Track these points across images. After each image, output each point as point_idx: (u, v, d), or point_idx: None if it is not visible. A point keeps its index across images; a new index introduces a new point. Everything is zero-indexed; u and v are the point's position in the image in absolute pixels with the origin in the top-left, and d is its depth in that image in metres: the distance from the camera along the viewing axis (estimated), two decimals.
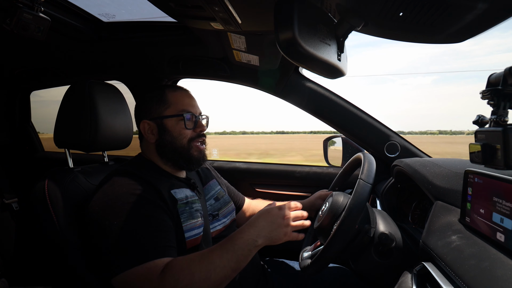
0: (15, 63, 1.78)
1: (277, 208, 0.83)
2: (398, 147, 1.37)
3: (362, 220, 0.86)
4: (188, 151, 0.99)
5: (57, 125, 1.05)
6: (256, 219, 0.81)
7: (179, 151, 0.98)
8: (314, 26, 0.59)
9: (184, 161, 0.99)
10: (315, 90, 1.42)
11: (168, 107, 0.99)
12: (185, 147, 0.98)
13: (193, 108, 1.01)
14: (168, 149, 0.98)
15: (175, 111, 0.98)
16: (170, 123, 0.98)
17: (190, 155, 0.99)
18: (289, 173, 1.60)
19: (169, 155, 0.98)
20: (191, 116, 0.99)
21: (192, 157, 0.99)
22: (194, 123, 1.00)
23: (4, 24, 0.83)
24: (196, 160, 1.00)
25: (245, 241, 0.77)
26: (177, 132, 0.98)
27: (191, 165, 1.00)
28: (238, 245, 0.77)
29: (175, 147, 0.98)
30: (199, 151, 1.01)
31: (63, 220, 0.87)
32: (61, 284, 0.93)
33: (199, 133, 1.01)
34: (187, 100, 1.02)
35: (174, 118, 0.98)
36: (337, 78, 0.73)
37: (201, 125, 1.02)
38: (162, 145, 0.98)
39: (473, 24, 0.56)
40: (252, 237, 0.78)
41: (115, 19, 1.32)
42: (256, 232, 0.79)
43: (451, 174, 0.85)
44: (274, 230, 0.80)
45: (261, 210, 0.84)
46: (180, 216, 0.89)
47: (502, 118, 0.56)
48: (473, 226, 0.62)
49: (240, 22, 0.90)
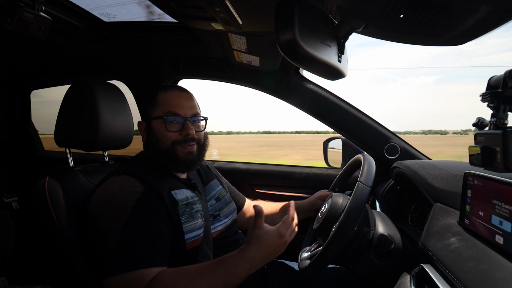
0: (16, 62, 1.78)
1: (277, 237, 0.77)
2: (398, 149, 1.37)
3: (361, 222, 0.86)
4: (174, 153, 0.96)
5: (58, 124, 1.05)
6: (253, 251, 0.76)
7: (164, 153, 0.96)
8: (314, 27, 0.59)
9: (171, 163, 0.97)
10: (316, 91, 1.42)
11: (156, 108, 0.98)
12: (169, 149, 0.96)
13: (181, 109, 0.97)
14: (153, 151, 0.97)
15: (160, 112, 0.97)
16: (156, 124, 0.98)
17: (176, 156, 0.96)
18: (289, 174, 1.60)
19: (155, 156, 0.97)
20: (175, 119, 0.96)
21: (178, 159, 0.96)
22: (181, 126, 0.97)
23: (5, 23, 0.84)
24: (183, 161, 0.97)
25: (239, 275, 0.75)
26: (161, 134, 0.96)
27: (178, 166, 0.98)
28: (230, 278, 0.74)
29: (159, 149, 0.96)
30: (185, 153, 0.97)
31: (63, 219, 0.87)
32: (60, 282, 0.93)
33: (185, 136, 0.97)
34: (176, 101, 0.98)
35: (159, 120, 0.97)
36: (338, 80, 0.73)
37: (187, 128, 0.97)
38: (149, 146, 0.99)
39: (476, 27, 0.56)
40: (247, 271, 0.76)
41: (116, 19, 1.32)
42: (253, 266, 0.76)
43: (450, 176, 0.85)
44: (272, 257, 0.79)
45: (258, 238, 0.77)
46: (181, 218, 0.88)
47: (502, 121, 0.56)
48: (472, 228, 0.62)
49: (240, 22, 0.90)
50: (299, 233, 0.88)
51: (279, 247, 0.79)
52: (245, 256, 0.76)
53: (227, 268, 0.75)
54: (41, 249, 1.24)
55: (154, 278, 0.74)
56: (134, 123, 1.21)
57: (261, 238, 0.76)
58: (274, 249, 0.78)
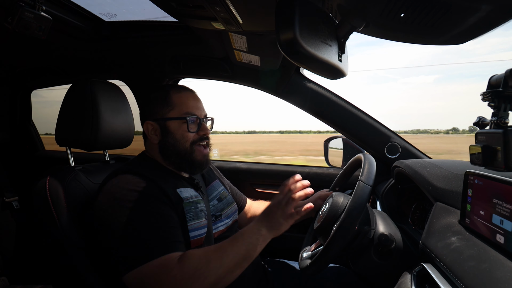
0: (16, 62, 1.78)
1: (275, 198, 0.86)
2: (399, 148, 1.37)
3: (362, 221, 0.86)
4: (191, 154, 0.97)
5: (59, 123, 1.05)
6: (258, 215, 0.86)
7: (182, 154, 0.97)
8: (315, 26, 0.59)
9: (187, 164, 0.98)
10: (316, 90, 1.42)
11: (172, 109, 0.97)
12: (187, 150, 0.97)
13: (197, 110, 1.00)
14: (171, 152, 0.97)
15: (178, 113, 0.97)
16: (173, 125, 0.97)
17: (193, 158, 0.97)
18: (289, 174, 1.59)
19: (172, 157, 0.97)
20: (195, 119, 0.98)
21: (195, 161, 0.98)
22: (198, 126, 0.99)
23: (6, 22, 0.84)
24: (199, 164, 0.99)
25: (251, 229, 0.83)
26: (180, 134, 0.97)
27: (194, 168, 0.99)
28: (245, 234, 0.82)
29: (178, 150, 0.96)
30: (202, 155, 0.99)
31: (64, 218, 0.87)
32: (61, 282, 0.93)
33: (202, 136, 0.99)
34: (192, 102, 1.00)
35: (178, 121, 0.97)
36: (338, 79, 0.73)
37: (204, 128, 1.00)
38: (165, 147, 0.98)
39: (476, 26, 0.56)
40: (256, 226, 0.83)
41: (116, 19, 1.32)
42: (258, 222, 0.84)
43: (451, 176, 0.85)
44: (272, 219, 0.83)
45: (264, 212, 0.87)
46: (186, 215, 0.89)
47: (502, 120, 0.56)
48: (473, 227, 0.62)
49: (241, 22, 0.90)
50: (300, 232, 0.88)
51: (273, 208, 0.84)
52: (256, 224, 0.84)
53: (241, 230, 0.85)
54: (41, 249, 1.24)
55: (184, 254, 0.77)
56: (135, 122, 1.21)
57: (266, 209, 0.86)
58: (271, 208, 0.85)
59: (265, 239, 0.82)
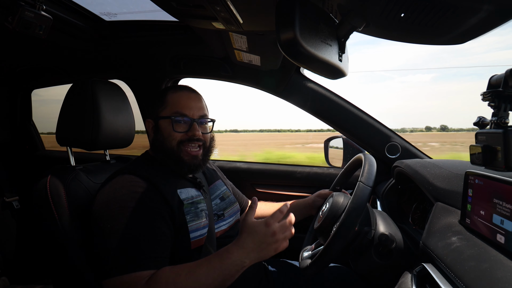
0: (17, 61, 1.78)
1: (264, 225, 0.77)
2: (399, 148, 1.37)
3: (362, 222, 0.86)
4: (178, 154, 0.96)
5: (60, 123, 1.05)
6: (244, 239, 0.78)
7: (168, 153, 0.96)
8: (315, 26, 0.59)
9: (173, 163, 0.97)
10: (317, 90, 1.42)
11: (164, 108, 0.99)
12: (174, 149, 0.96)
13: (189, 110, 0.98)
14: (159, 150, 0.98)
15: (168, 112, 0.98)
16: (163, 124, 0.98)
17: (180, 158, 0.96)
18: (290, 174, 1.60)
19: (160, 154, 0.98)
20: (182, 119, 0.97)
21: (182, 161, 0.96)
22: (188, 126, 0.98)
23: (6, 22, 0.84)
24: (186, 164, 0.97)
25: (233, 262, 0.76)
26: (167, 133, 0.97)
27: (181, 168, 0.97)
28: (225, 264, 0.76)
29: (165, 148, 0.97)
30: (190, 156, 0.97)
31: (65, 218, 0.87)
32: (61, 282, 0.93)
33: (191, 137, 0.97)
34: (184, 102, 0.98)
35: (167, 120, 0.97)
36: (338, 79, 0.73)
37: (194, 129, 0.97)
38: (154, 144, 0.99)
39: (477, 26, 0.56)
40: (240, 258, 0.76)
41: (116, 18, 1.33)
42: (244, 253, 0.76)
43: (451, 176, 0.85)
44: (263, 250, 0.77)
45: (247, 227, 0.79)
46: (186, 217, 0.89)
47: (502, 120, 0.56)
48: (473, 227, 0.62)
49: (241, 21, 0.90)
50: (300, 232, 0.88)
51: (267, 238, 0.77)
52: (237, 243, 0.78)
53: (222, 255, 0.77)
54: (42, 249, 1.24)
55: (152, 276, 0.75)
56: (135, 122, 1.21)
57: (250, 226, 0.78)
58: (263, 239, 0.77)
59: (244, 268, 0.78)
